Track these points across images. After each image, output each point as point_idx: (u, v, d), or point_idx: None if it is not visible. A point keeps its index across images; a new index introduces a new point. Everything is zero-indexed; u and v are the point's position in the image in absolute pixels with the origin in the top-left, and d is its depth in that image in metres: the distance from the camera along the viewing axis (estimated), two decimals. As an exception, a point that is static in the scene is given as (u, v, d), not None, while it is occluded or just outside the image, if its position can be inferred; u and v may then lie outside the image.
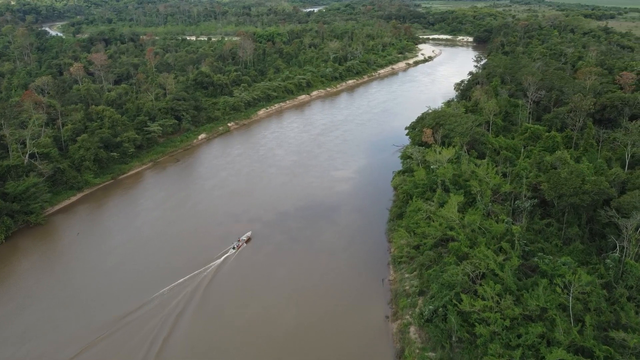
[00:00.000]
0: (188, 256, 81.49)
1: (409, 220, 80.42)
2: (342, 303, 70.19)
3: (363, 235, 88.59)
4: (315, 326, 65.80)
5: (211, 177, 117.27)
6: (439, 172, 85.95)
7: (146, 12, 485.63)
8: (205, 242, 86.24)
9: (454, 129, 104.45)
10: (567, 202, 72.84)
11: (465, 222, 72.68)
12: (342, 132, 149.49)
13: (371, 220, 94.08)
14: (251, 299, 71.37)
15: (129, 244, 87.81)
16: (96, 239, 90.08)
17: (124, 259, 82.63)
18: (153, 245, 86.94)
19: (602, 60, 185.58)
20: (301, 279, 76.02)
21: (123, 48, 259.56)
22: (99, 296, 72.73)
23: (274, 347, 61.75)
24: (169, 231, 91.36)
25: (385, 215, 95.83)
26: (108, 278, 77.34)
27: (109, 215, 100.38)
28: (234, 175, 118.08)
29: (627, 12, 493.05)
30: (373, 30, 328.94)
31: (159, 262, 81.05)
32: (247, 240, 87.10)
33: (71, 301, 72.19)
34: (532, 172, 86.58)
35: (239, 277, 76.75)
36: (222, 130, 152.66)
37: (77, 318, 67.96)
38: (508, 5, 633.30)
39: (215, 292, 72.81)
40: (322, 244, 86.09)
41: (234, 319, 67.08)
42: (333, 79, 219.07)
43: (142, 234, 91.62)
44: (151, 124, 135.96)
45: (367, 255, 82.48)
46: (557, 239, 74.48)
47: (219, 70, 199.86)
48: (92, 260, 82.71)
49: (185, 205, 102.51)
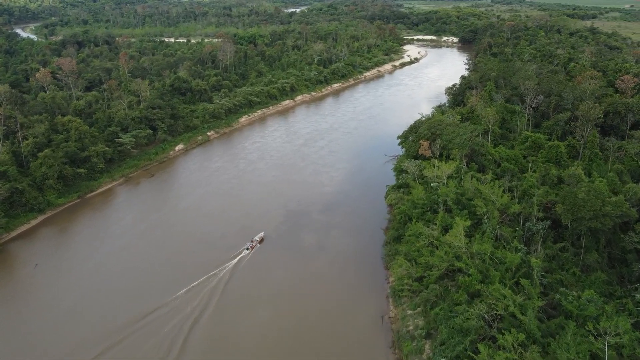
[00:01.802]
0: (153, 295, 71.60)
1: (409, 246, 72.09)
2: (339, 346, 61.49)
3: (357, 262, 79.71)
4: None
5: (187, 195, 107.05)
6: (441, 191, 77.75)
7: (123, 13, 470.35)
8: (175, 274, 76.29)
9: (451, 140, 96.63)
10: (585, 227, 65.31)
11: (473, 250, 64.68)
12: (327, 142, 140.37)
13: (365, 243, 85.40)
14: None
15: (90, 279, 76.98)
16: (55, 271, 79.57)
17: (83, 297, 72.40)
18: (117, 280, 76.42)
19: (595, 62, 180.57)
20: (288, 324, 66.50)
21: (97, 51, 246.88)
22: (49, 345, 62.72)
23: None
24: (135, 264, 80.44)
25: (380, 237, 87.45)
26: (64, 321, 67.37)
27: (72, 241, 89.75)
28: (211, 193, 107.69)
29: (608, 12, 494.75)
30: (357, 31, 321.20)
31: (124, 299, 71.29)
32: (260, 240, 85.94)
33: (21, 347, 62.23)
34: (540, 189, 79.15)
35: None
36: (201, 140, 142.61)
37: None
38: (490, 5, 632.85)
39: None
40: (310, 276, 76.70)
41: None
42: (318, 82, 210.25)
43: (105, 266, 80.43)
44: (123, 135, 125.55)
45: (362, 286, 73.82)
46: (574, 267, 66.91)
47: (197, 75, 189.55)
48: (49, 298, 72.47)
49: (156, 231, 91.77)
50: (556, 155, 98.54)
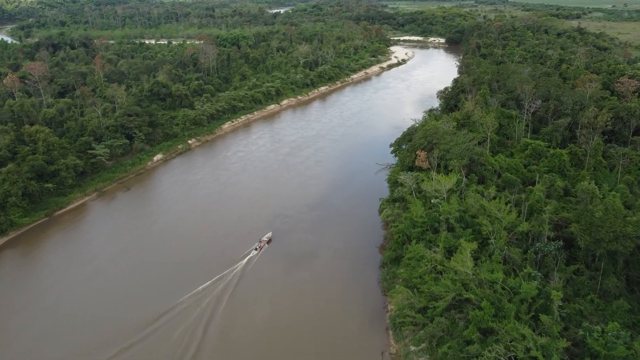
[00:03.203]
0: (121, 330, 64.05)
1: (410, 271, 65.31)
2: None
3: (351, 287, 72.49)
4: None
5: (163, 213, 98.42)
6: (443, 209, 71.14)
7: (103, 14, 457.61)
8: (148, 304, 68.77)
9: (449, 149, 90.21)
10: (605, 249, 59.30)
11: (482, 277, 58.19)
12: (314, 150, 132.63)
13: (360, 265, 78.28)
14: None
15: (46, 318, 67.80)
16: (8, 307, 70.63)
17: (40, 337, 64.10)
18: (80, 316, 67.68)
19: (587, 64, 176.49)
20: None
21: (73, 54, 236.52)
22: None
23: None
24: (101, 297, 71.60)
25: (376, 257, 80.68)
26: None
27: (34, 268, 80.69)
28: (188, 211, 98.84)
29: (591, 12, 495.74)
30: (343, 32, 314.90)
31: (86, 337, 63.40)
32: (268, 241, 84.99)
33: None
34: (549, 204, 73.11)
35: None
36: (181, 149, 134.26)
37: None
38: (474, 5, 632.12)
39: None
40: (299, 304, 69.36)
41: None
42: (304, 86, 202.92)
43: (67, 300, 71.33)
44: (97, 146, 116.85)
45: (358, 314, 66.81)
46: (591, 292, 60.93)
47: (178, 79, 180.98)
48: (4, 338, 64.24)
49: (125, 256, 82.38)
50: (559, 164, 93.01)
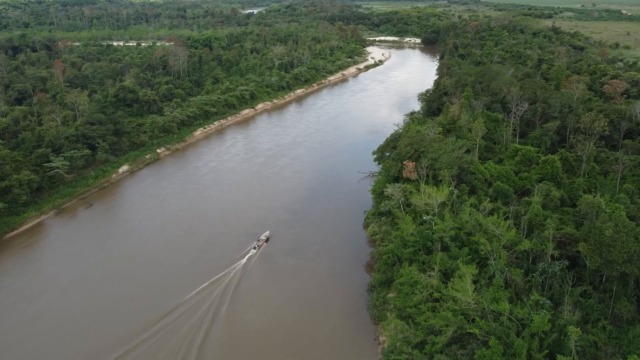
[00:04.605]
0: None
1: (404, 299, 58.75)
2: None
3: (337, 315, 65.42)
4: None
5: (125, 235, 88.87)
6: (437, 227, 64.91)
7: (69, 16, 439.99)
8: (104, 339, 60.73)
9: (438, 158, 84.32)
10: (618, 272, 53.91)
11: (485, 306, 52.09)
12: (290, 159, 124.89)
13: (345, 289, 71.12)
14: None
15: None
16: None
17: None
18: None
19: (568, 64, 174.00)
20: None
21: (34, 57, 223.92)
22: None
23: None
24: (48, 337, 62.80)
25: (363, 277, 74.05)
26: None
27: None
28: (154, 231, 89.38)
29: (562, 12, 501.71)
30: (318, 33, 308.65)
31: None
32: (266, 240, 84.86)
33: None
34: (548, 217, 67.73)
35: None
36: (149, 159, 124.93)
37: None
38: (447, 5, 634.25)
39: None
40: (281, 336, 62.27)
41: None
42: (280, 88, 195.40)
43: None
44: (55, 158, 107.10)
45: (347, 348, 60.00)
46: (602, 318, 55.48)
47: (146, 83, 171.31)
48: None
49: (80, 289, 72.62)
50: (552, 171, 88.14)
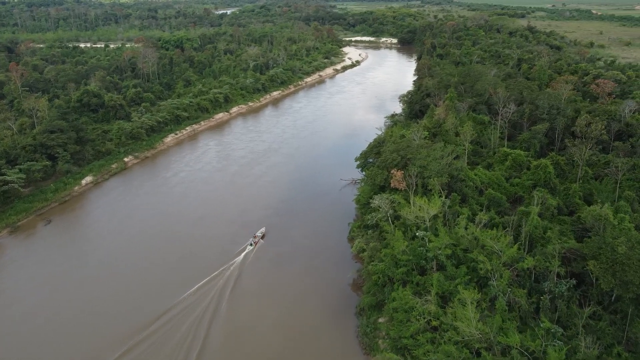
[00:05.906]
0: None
1: (398, 327, 52.72)
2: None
3: (325, 347, 58.92)
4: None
5: (84, 257, 79.47)
6: (431, 245, 59.13)
7: (35, 16, 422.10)
8: None
9: (427, 165, 78.81)
10: (635, 294, 49.03)
11: (491, 336, 46.49)
12: (266, 168, 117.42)
13: (333, 314, 64.41)
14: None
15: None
16: None
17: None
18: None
19: (549, 63, 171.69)
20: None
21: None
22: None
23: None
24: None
25: (351, 298, 67.88)
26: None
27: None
28: (117, 252, 79.93)
29: (534, 12, 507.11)
30: (294, 33, 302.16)
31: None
32: (262, 236, 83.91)
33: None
34: (550, 229, 62.86)
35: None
36: (116, 169, 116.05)
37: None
38: (421, 5, 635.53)
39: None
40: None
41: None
42: (255, 91, 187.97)
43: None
44: (9, 171, 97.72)
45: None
46: (615, 343, 50.59)
47: (113, 87, 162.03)
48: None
49: (39, 315, 64.87)
50: (544, 176, 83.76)
